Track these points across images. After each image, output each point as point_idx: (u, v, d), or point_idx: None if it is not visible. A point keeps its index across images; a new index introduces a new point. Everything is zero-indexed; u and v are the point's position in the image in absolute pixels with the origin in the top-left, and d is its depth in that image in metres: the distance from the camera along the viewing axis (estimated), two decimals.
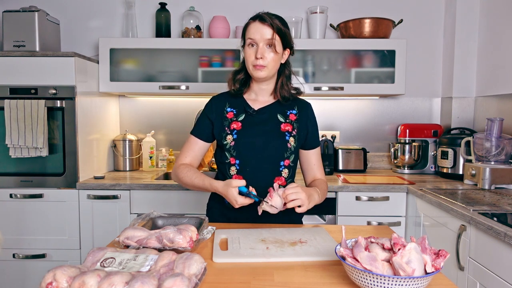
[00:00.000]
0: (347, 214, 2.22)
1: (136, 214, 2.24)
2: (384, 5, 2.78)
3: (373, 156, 2.86)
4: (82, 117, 2.31)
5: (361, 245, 0.87)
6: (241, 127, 1.39)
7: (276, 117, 1.41)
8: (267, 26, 1.32)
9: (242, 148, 1.37)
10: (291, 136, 1.39)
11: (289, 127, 1.40)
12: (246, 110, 1.42)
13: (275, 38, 1.32)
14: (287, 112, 1.42)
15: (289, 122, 1.40)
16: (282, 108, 1.43)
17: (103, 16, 2.81)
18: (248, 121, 1.40)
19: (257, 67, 1.32)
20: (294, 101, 1.45)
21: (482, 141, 2.17)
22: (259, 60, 1.31)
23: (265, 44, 1.32)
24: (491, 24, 2.46)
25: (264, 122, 1.40)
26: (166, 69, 2.52)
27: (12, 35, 2.29)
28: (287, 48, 1.39)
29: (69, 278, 0.80)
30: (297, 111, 1.43)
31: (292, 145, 1.39)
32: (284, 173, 1.39)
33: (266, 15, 1.34)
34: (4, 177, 2.25)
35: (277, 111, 1.42)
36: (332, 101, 2.85)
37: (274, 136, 1.38)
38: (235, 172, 1.38)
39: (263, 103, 1.43)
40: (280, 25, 1.34)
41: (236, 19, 2.76)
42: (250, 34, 1.34)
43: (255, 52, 1.32)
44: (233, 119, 1.41)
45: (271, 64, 1.33)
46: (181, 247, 1.03)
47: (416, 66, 2.81)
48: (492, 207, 1.64)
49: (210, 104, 1.47)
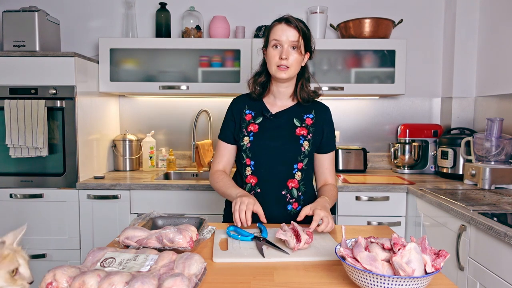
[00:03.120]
0: (347, 214, 2.22)
1: (136, 214, 2.24)
2: (384, 5, 2.78)
3: (373, 156, 2.86)
4: (82, 117, 2.31)
5: (361, 245, 0.87)
6: (257, 130, 1.43)
7: (292, 121, 1.43)
8: (293, 28, 1.34)
9: (257, 150, 1.41)
10: (305, 140, 1.41)
11: (304, 131, 1.42)
12: (263, 113, 1.45)
13: (300, 40, 1.35)
14: (303, 117, 1.44)
15: (305, 126, 1.43)
16: (299, 112, 1.45)
17: (103, 16, 2.81)
18: (265, 124, 1.43)
19: (281, 68, 1.35)
20: (313, 105, 1.47)
21: (482, 141, 2.17)
22: (284, 60, 1.33)
23: (289, 46, 1.34)
24: (491, 24, 2.46)
25: (280, 125, 1.43)
26: (166, 69, 2.52)
27: (12, 35, 2.29)
28: (308, 51, 1.42)
29: (69, 278, 0.80)
30: (314, 115, 1.45)
31: (306, 149, 1.41)
32: (297, 176, 1.41)
33: (292, 18, 1.36)
34: (4, 177, 2.25)
35: (293, 115, 1.44)
36: (332, 101, 2.85)
37: (289, 139, 1.40)
38: (250, 173, 1.42)
39: (281, 107, 1.46)
40: (305, 28, 1.37)
41: (236, 19, 2.76)
42: (276, 35, 1.35)
43: (279, 53, 1.34)
44: (250, 121, 1.45)
45: (294, 66, 1.36)
46: (181, 247, 1.03)
47: (416, 66, 2.81)
48: (492, 207, 1.64)
49: (231, 106, 1.52)
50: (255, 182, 1.41)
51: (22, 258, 0.78)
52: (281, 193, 1.40)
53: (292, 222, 1.16)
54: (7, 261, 0.75)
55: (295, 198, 1.41)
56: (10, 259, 0.76)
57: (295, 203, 1.42)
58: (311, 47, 1.42)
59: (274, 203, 1.39)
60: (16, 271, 0.76)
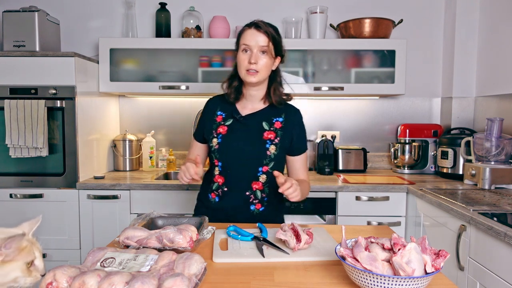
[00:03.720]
0: (347, 214, 2.22)
1: (136, 214, 2.24)
2: (384, 5, 2.78)
3: (373, 156, 2.86)
4: (82, 117, 2.31)
5: (361, 245, 0.87)
6: (226, 132, 1.45)
7: (261, 124, 1.45)
8: (262, 33, 1.37)
9: (224, 151, 1.43)
10: (272, 144, 1.42)
11: (272, 135, 1.43)
12: (233, 115, 1.47)
13: (269, 45, 1.38)
14: (273, 120, 1.46)
15: (273, 130, 1.44)
16: (269, 116, 1.46)
17: (103, 16, 2.81)
18: (234, 126, 1.46)
19: (250, 72, 1.37)
20: (283, 108, 1.48)
21: (482, 141, 2.17)
22: (252, 65, 1.36)
23: (259, 50, 1.37)
24: (491, 24, 2.46)
25: (249, 128, 1.45)
26: (166, 69, 2.52)
27: (12, 35, 2.29)
28: (278, 56, 1.45)
29: (69, 278, 0.80)
30: (284, 118, 1.47)
31: (272, 153, 1.42)
32: (262, 178, 1.44)
33: (262, 23, 1.39)
34: (4, 177, 2.25)
35: (263, 119, 1.46)
36: (332, 101, 2.85)
37: (255, 143, 1.42)
38: (218, 173, 1.46)
39: (252, 110, 1.48)
40: (274, 33, 1.40)
41: (236, 19, 2.76)
42: (245, 40, 1.38)
43: (249, 57, 1.37)
44: (220, 123, 1.48)
45: (263, 70, 1.38)
46: (181, 247, 1.03)
47: (416, 66, 2.81)
48: (492, 207, 1.64)
49: (205, 107, 1.57)
50: (222, 182, 1.46)
51: (38, 251, 0.79)
52: (245, 193, 1.44)
53: (292, 222, 1.16)
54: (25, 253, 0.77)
55: (258, 199, 1.44)
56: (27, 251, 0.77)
57: (258, 204, 1.45)
58: (282, 52, 1.45)
59: (238, 203, 1.43)
60: (32, 263, 0.77)
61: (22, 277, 0.75)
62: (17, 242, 0.75)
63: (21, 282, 0.75)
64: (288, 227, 1.15)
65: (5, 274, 0.73)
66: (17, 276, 0.75)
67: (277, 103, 1.46)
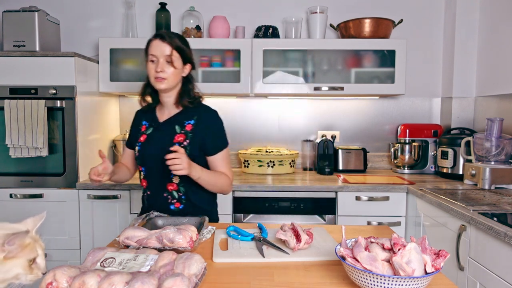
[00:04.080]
0: (347, 214, 2.22)
1: (136, 214, 2.24)
2: (384, 5, 2.78)
3: (373, 156, 2.86)
4: (82, 117, 2.31)
5: (361, 245, 0.87)
6: (145, 140, 1.55)
7: (174, 128, 1.52)
8: (166, 44, 1.45)
9: (142, 158, 1.54)
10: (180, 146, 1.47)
11: (181, 137, 1.50)
12: (152, 123, 1.58)
13: (173, 54, 1.46)
14: (184, 123, 1.53)
15: (184, 133, 1.51)
16: (182, 119, 1.54)
17: (103, 16, 2.81)
18: (152, 134, 1.55)
19: (158, 80, 1.46)
20: (196, 111, 1.55)
21: (482, 141, 2.17)
22: (159, 73, 1.45)
23: (164, 60, 1.45)
24: (491, 24, 2.46)
25: (163, 134, 1.53)
26: None
27: (12, 35, 2.29)
28: (188, 63, 1.53)
29: (69, 278, 0.80)
30: (195, 121, 1.53)
31: None
32: (175, 180, 1.51)
33: (166, 34, 1.47)
34: (4, 177, 2.25)
35: (176, 123, 1.53)
36: (332, 101, 2.85)
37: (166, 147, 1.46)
38: (143, 177, 1.57)
39: (168, 115, 1.56)
40: (179, 43, 1.48)
41: (236, 19, 2.76)
42: (151, 50, 1.47)
43: (155, 66, 1.46)
44: (143, 132, 1.58)
45: (171, 78, 1.47)
46: (181, 247, 1.03)
47: (416, 66, 2.81)
48: (492, 207, 1.64)
49: (135, 116, 1.68)
50: (146, 185, 1.57)
51: (41, 248, 0.80)
52: (164, 195, 1.52)
53: (292, 222, 1.16)
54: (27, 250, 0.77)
55: (176, 199, 1.52)
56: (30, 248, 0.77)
57: (177, 203, 1.52)
58: (191, 59, 1.54)
59: (160, 203, 1.52)
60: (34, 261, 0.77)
61: (24, 274, 0.75)
62: (20, 239, 0.75)
63: (22, 279, 0.76)
64: (288, 227, 1.15)
65: (6, 270, 0.73)
66: (18, 273, 0.75)
67: (184, 108, 1.55)
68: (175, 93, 1.54)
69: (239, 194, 2.23)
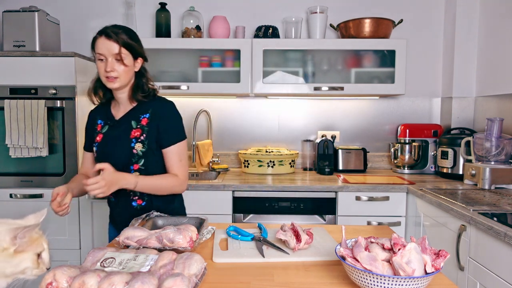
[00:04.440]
0: (347, 214, 2.22)
1: None
2: (384, 5, 2.78)
3: (373, 156, 2.86)
4: (82, 117, 2.31)
5: (361, 245, 0.87)
6: (101, 139, 1.48)
7: (130, 124, 1.46)
8: (113, 42, 1.37)
9: (99, 159, 1.46)
10: (138, 142, 1.43)
11: (138, 132, 1.44)
12: (107, 121, 1.51)
13: (122, 52, 1.38)
14: (140, 117, 1.46)
15: (140, 127, 1.45)
16: (137, 114, 1.47)
17: (103, 16, 2.81)
18: (108, 132, 1.49)
19: (109, 79, 1.39)
20: (151, 104, 1.48)
21: (482, 141, 2.17)
22: (110, 73, 1.38)
23: (113, 58, 1.38)
24: (491, 24, 2.46)
25: (119, 131, 1.46)
26: (166, 69, 2.52)
27: (12, 35, 2.29)
28: (139, 57, 1.45)
29: (69, 278, 0.80)
30: (150, 113, 1.46)
31: (139, 150, 1.43)
32: None
33: (111, 31, 1.38)
34: (4, 177, 2.25)
35: (131, 118, 1.47)
36: (332, 101, 2.85)
37: (123, 144, 1.44)
38: None
39: (124, 112, 1.49)
40: (127, 38, 1.39)
41: (236, 19, 2.76)
42: (98, 49, 1.38)
43: (105, 66, 1.38)
44: (99, 131, 1.51)
45: (123, 76, 1.40)
46: (181, 247, 1.03)
47: (416, 66, 2.81)
48: (492, 207, 1.64)
49: (89, 116, 1.59)
50: None
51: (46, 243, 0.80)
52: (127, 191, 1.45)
53: (292, 222, 1.16)
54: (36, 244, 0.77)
55: (137, 196, 1.47)
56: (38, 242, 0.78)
57: (139, 199, 1.47)
58: (142, 53, 1.46)
59: (122, 201, 1.48)
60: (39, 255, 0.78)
61: (31, 269, 0.76)
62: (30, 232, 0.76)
63: (28, 273, 0.76)
64: (288, 227, 1.15)
65: (17, 264, 0.74)
66: (27, 266, 0.76)
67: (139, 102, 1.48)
68: (129, 88, 1.47)
69: (239, 194, 2.23)
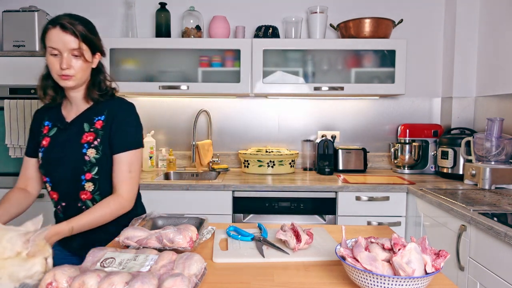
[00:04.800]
0: (347, 214, 2.22)
1: None
2: (384, 5, 2.78)
3: (373, 156, 2.86)
4: None
5: (361, 245, 0.87)
6: (48, 144, 1.30)
7: (82, 127, 1.29)
8: (70, 35, 1.19)
9: (46, 166, 1.30)
10: (90, 147, 1.26)
11: (91, 136, 1.27)
12: (57, 124, 1.32)
13: (81, 47, 1.21)
14: (94, 120, 1.29)
15: (93, 131, 1.28)
16: (91, 116, 1.30)
17: (103, 16, 2.81)
18: (57, 136, 1.31)
19: (64, 77, 1.21)
20: (107, 104, 1.32)
21: (482, 141, 2.17)
22: (65, 70, 1.20)
23: (70, 54, 1.20)
24: (491, 24, 2.46)
25: (71, 135, 1.29)
26: (166, 69, 2.52)
27: (12, 35, 2.29)
28: (97, 52, 1.29)
29: (69, 278, 0.80)
30: (106, 115, 1.29)
31: (92, 157, 1.26)
32: (88, 187, 1.28)
33: (68, 22, 1.20)
34: (4, 177, 2.25)
35: (85, 120, 1.30)
36: (332, 101, 2.85)
37: (73, 149, 1.27)
38: (50, 189, 1.33)
39: (77, 113, 1.32)
40: (86, 31, 1.22)
41: (236, 19, 2.76)
42: (51, 42, 1.19)
43: (59, 62, 1.20)
44: (45, 134, 1.32)
45: (80, 73, 1.23)
46: (181, 247, 1.03)
47: (416, 66, 2.81)
48: (492, 207, 1.64)
49: (32, 119, 1.41)
50: (57, 197, 1.32)
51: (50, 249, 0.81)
52: (78, 205, 1.30)
53: (292, 222, 1.16)
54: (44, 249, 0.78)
55: None
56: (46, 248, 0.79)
57: None
58: (100, 48, 1.29)
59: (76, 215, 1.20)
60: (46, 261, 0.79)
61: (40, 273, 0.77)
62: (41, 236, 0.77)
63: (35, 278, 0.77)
64: (288, 227, 1.15)
65: (29, 268, 0.76)
66: (37, 270, 0.76)
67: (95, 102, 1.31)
68: (84, 87, 1.30)
69: (239, 194, 2.23)
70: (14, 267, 0.74)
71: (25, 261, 0.75)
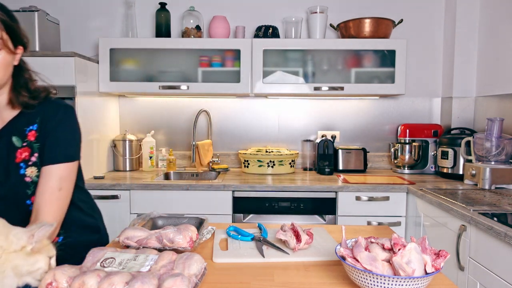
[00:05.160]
0: (347, 214, 2.22)
1: (136, 214, 2.24)
2: (384, 5, 2.78)
3: (373, 156, 2.86)
4: (82, 117, 2.31)
5: (361, 245, 0.87)
6: None
7: (11, 142, 1.03)
8: None
9: None
10: (28, 166, 1.03)
11: (26, 153, 1.03)
12: None
13: (3, 37, 0.97)
14: (25, 131, 1.04)
15: (27, 145, 1.03)
16: (21, 126, 1.05)
17: (103, 16, 2.81)
18: None
19: None
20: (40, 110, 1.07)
21: (482, 141, 2.17)
22: None
23: None
24: (491, 24, 2.46)
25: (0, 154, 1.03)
26: (166, 69, 2.52)
27: None
28: (20, 45, 1.04)
29: (69, 278, 0.80)
30: (39, 124, 1.05)
31: (34, 177, 1.03)
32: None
33: None
34: None
35: (13, 133, 1.04)
36: (332, 101, 2.85)
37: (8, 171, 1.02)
38: None
39: (3, 123, 1.06)
40: (7, 18, 1.00)
41: (236, 19, 2.76)
42: None
43: None
44: None
45: (2, 71, 0.98)
46: (181, 247, 1.03)
47: (416, 66, 2.81)
48: (492, 207, 1.64)
49: None
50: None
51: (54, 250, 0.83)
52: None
53: (292, 222, 1.16)
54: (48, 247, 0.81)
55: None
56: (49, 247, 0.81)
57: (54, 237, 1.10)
58: (23, 39, 1.05)
59: None
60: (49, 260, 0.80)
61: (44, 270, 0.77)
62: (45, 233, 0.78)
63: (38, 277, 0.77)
64: (288, 227, 1.15)
65: (32, 263, 0.76)
66: (40, 267, 0.77)
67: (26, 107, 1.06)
68: (7, 89, 1.04)
69: (239, 194, 2.23)
70: (18, 260, 0.75)
71: (29, 255, 0.76)
